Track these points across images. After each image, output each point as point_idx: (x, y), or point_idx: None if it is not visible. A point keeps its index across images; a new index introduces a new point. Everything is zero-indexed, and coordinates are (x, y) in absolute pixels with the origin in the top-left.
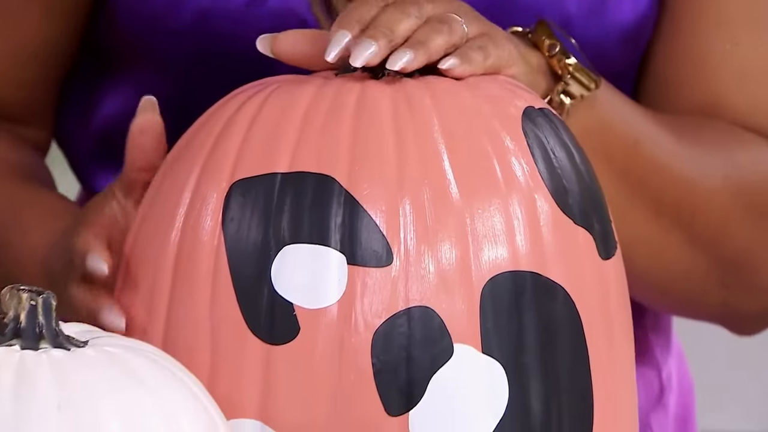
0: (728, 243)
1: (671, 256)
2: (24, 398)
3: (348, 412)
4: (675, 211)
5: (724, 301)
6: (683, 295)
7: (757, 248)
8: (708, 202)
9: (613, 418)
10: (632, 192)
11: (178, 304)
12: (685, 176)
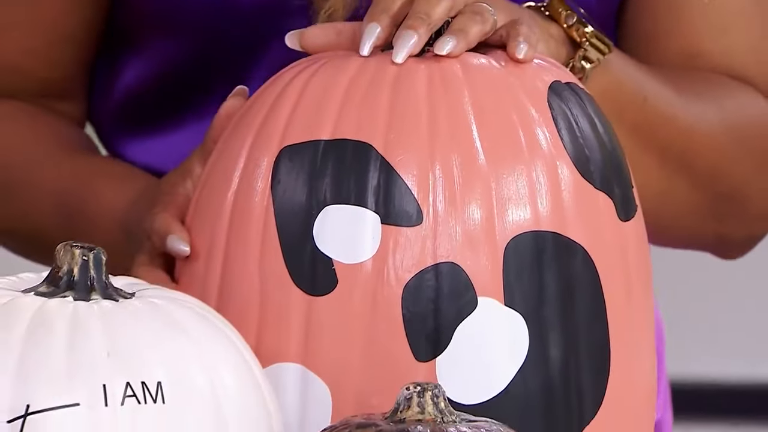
0: (725, 179)
1: (675, 198)
2: (77, 345)
3: (380, 358)
4: (679, 157)
5: (716, 231)
6: (683, 230)
7: (748, 181)
8: (707, 146)
9: (629, 369)
10: (642, 144)
11: (232, 259)
12: (686, 125)
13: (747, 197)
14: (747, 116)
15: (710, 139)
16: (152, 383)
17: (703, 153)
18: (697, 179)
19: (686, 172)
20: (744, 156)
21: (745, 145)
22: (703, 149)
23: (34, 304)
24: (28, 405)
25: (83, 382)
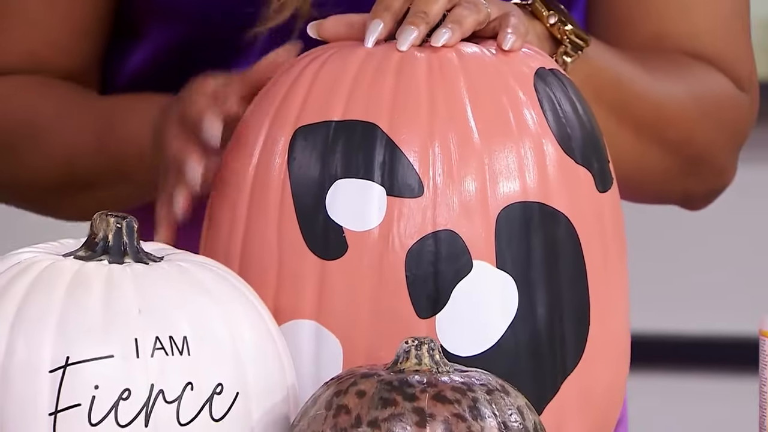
0: (692, 145)
1: (650, 163)
2: (111, 303)
3: (386, 315)
4: (652, 129)
5: (684, 188)
6: (656, 189)
7: (712, 144)
8: (676, 118)
9: (606, 324)
10: (618, 119)
11: (252, 227)
12: (657, 101)
13: (710, 158)
14: (709, 90)
15: (678, 111)
16: (179, 337)
17: (673, 124)
18: (668, 146)
19: (659, 141)
20: (708, 124)
21: (708, 114)
22: (673, 120)
23: (74, 266)
24: (67, 357)
25: (117, 336)
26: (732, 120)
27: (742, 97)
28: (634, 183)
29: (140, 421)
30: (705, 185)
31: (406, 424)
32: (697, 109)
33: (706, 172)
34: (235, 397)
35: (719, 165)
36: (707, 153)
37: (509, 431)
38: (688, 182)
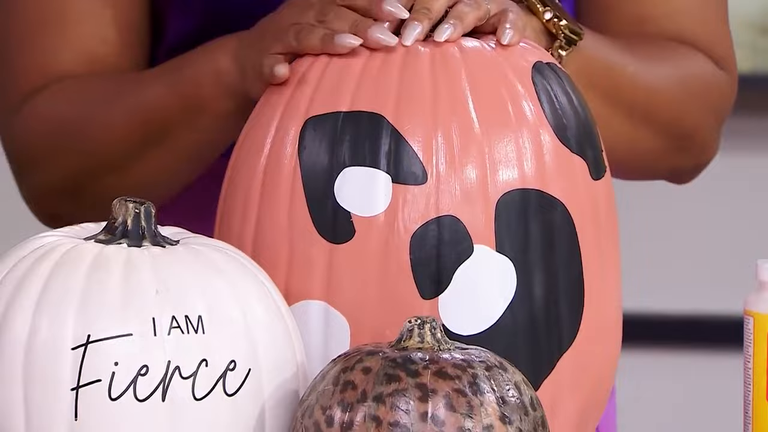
0: (680, 124)
1: (641, 144)
2: (130, 284)
3: (391, 296)
4: (643, 112)
5: (672, 164)
6: (646, 165)
7: (698, 123)
8: (665, 100)
9: (600, 304)
10: (611, 105)
11: (265, 213)
12: (646, 85)
13: (696, 135)
14: (693, 72)
15: (667, 93)
16: (194, 316)
17: (662, 106)
18: (658, 127)
19: (649, 123)
20: (694, 104)
21: (694, 95)
22: (662, 103)
23: (94, 249)
24: (89, 335)
25: (135, 316)
26: (715, 99)
27: (722, 75)
28: (626, 162)
29: (157, 396)
30: (691, 161)
31: (410, 399)
32: (684, 91)
33: (692, 149)
34: (247, 373)
35: (704, 142)
36: (693, 131)
37: (507, 406)
38: (676, 159)
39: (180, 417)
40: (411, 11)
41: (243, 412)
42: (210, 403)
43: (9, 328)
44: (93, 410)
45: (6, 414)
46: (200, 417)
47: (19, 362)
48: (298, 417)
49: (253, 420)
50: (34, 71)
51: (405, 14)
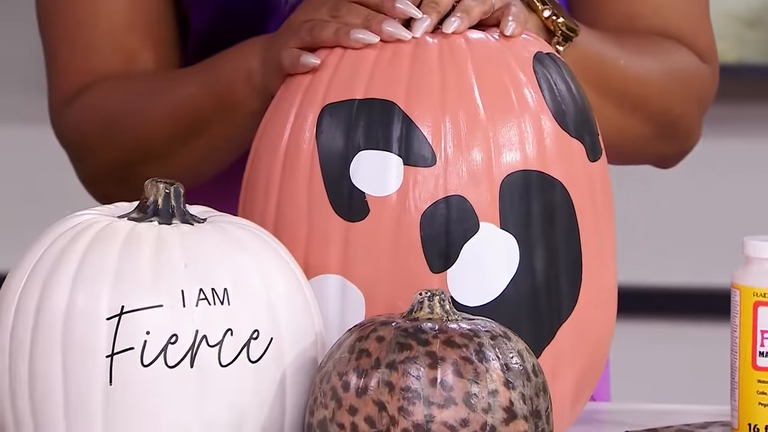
0: (668, 112)
1: (630, 131)
2: (161, 259)
3: (403, 270)
4: (632, 101)
5: (659, 150)
6: (635, 151)
7: (683, 112)
8: (653, 90)
9: (596, 278)
10: (603, 94)
11: (285, 193)
12: (635, 76)
13: (681, 123)
14: (678, 64)
15: (654, 83)
16: (220, 289)
17: (649, 96)
18: (646, 116)
19: (638, 112)
20: (679, 94)
21: (679, 86)
22: (650, 93)
23: (127, 227)
24: (122, 306)
25: (165, 288)
26: (698, 89)
27: (704, 68)
28: (616, 148)
29: (186, 363)
30: (676, 147)
31: (420, 366)
32: (670, 82)
33: (677, 136)
34: (269, 341)
35: (688, 129)
36: (679, 119)
37: (510, 372)
38: (663, 145)
39: (207, 382)
40: (421, 5)
41: (265, 378)
42: (235, 369)
43: (49, 300)
44: (126, 376)
45: (46, 380)
46: (226, 382)
47: (58, 331)
48: (316, 382)
49: (275, 385)
50: (79, 70)
51: (417, 13)
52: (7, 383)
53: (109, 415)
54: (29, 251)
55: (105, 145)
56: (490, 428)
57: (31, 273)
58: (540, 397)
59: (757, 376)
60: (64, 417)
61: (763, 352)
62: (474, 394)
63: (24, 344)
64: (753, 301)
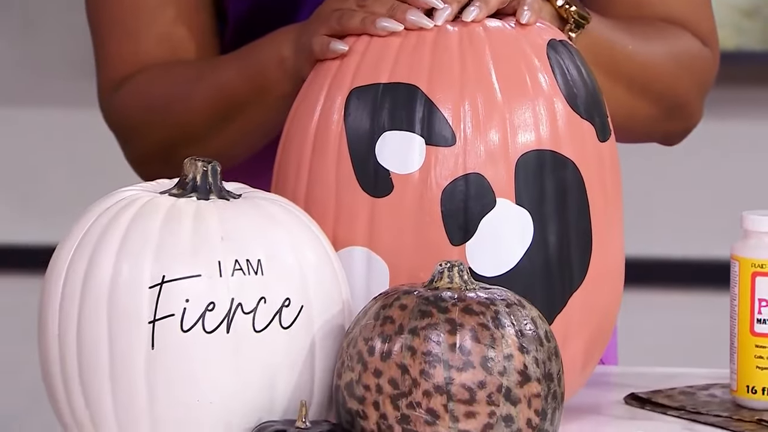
0: (675, 93)
1: (639, 112)
2: (199, 232)
3: (425, 243)
4: (640, 84)
5: (665, 129)
6: (642, 131)
7: (687, 92)
8: (659, 73)
9: (605, 250)
10: (613, 78)
11: (315, 171)
12: (643, 61)
13: (685, 104)
14: (682, 48)
15: (660, 67)
16: (254, 260)
17: (656, 78)
18: (653, 97)
19: (645, 94)
20: (683, 77)
21: (683, 69)
22: (657, 75)
23: (168, 202)
24: (163, 275)
25: (203, 259)
26: (700, 72)
27: (706, 51)
28: (626, 128)
29: (222, 329)
30: (681, 126)
31: (440, 332)
32: (675, 65)
33: (681, 116)
34: (300, 309)
35: (691, 109)
36: (683, 100)
37: (525, 338)
38: (668, 125)
39: (242, 347)
40: None
41: (296, 343)
42: (268, 334)
43: (95, 270)
44: (167, 341)
45: (93, 344)
46: (259, 347)
47: (104, 300)
48: (344, 347)
49: (305, 350)
50: (126, 57)
51: (439, 4)
52: (56, 349)
53: (151, 377)
54: (76, 225)
55: (150, 128)
56: (505, 390)
57: (78, 245)
58: (552, 361)
59: (755, 342)
60: (109, 379)
61: (760, 320)
62: (490, 358)
63: (72, 312)
64: (751, 272)
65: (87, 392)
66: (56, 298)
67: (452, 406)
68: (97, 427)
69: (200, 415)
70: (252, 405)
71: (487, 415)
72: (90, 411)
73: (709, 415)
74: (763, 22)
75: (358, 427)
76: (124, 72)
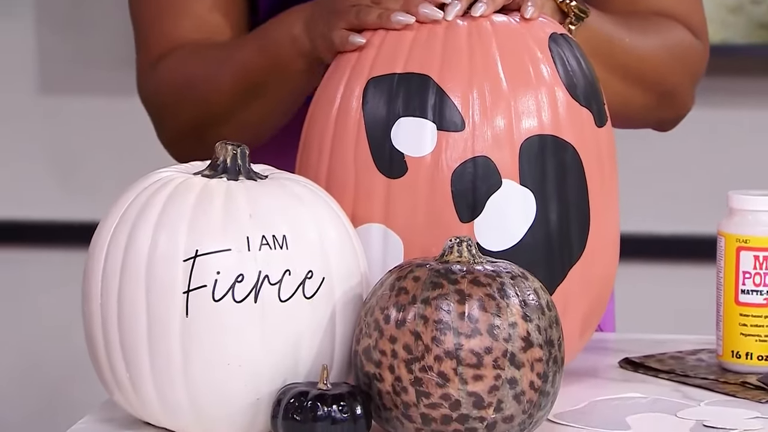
0: (665, 83)
1: (634, 100)
2: (229, 210)
3: (436, 220)
4: (635, 74)
5: (658, 116)
6: (638, 118)
7: (679, 82)
8: (653, 64)
9: (602, 227)
10: (610, 69)
11: (336, 154)
12: (638, 52)
13: (678, 93)
14: (675, 41)
15: (654, 58)
16: (279, 235)
17: (650, 69)
18: (647, 86)
19: (640, 83)
20: (676, 67)
21: (676, 60)
22: (651, 66)
23: (201, 182)
24: (197, 249)
25: (233, 235)
26: (692, 63)
27: (697, 43)
28: (622, 115)
29: (251, 299)
30: (673, 113)
31: (450, 302)
32: (668, 56)
33: (674, 104)
34: (321, 280)
35: (683, 98)
36: (675, 89)
37: (528, 307)
38: (661, 112)
39: (268, 315)
40: None
41: (318, 312)
42: (292, 304)
43: (134, 245)
44: (200, 309)
45: (132, 312)
46: (284, 315)
47: (143, 272)
48: (362, 316)
49: (326, 318)
50: (163, 39)
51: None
52: (99, 316)
53: (186, 342)
54: (117, 203)
55: (180, 107)
56: (510, 355)
57: (119, 221)
58: (553, 329)
59: (739, 310)
60: (147, 344)
61: (744, 290)
62: (496, 325)
63: (113, 282)
64: (736, 247)
65: (127, 355)
66: (99, 270)
67: (461, 370)
68: (136, 386)
69: (230, 377)
70: (277, 368)
71: (493, 378)
72: (129, 372)
73: (697, 378)
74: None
75: (375, 388)
76: (160, 52)
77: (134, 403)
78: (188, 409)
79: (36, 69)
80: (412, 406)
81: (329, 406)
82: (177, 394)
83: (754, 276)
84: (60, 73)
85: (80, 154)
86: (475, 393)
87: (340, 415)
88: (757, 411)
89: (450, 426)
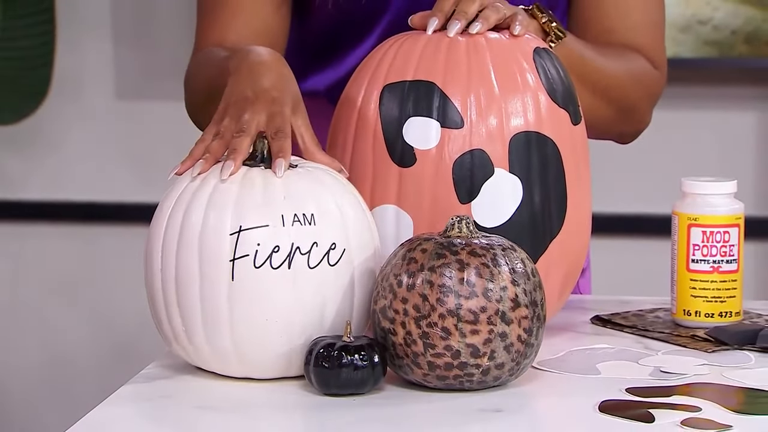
0: (627, 100)
1: (599, 113)
2: (267, 192)
3: (440, 202)
4: (602, 91)
5: (619, 130)
6: (602, 129)
7: (639, 99)
8: (618, 82)
9: (577, 209)
10: (581, 82)
11: (356, 148)
12: (606, 71)
13: (637, 109)
14: (638, 67)
15: (619, 78)
16: (308, 214)
17: (615, 86)
18: (611, 100)
19: (606, 98)
20: (636, 88)
21: (637, 81)
22: (615, 84)
23: (243, 170)
24: (240, 225)
25: (270, 213)
26: (650, 86)
27: (656, 72)
28: (588, 125)
29: (285, 266)
30: (631, 128)
31: (452, 270)
32: (630, 78)
33: (633, 120)
34: (342, 251)
35: (642, 115)
36: (635, 106)
37: (516, 274)
38: (622, 126)
39: (299, 279)
40: (454, 14)
41: (340, 277)
42: (319, 270)
43: (189, 220)
44: (243, 275)
45: (187, 277)
46: (313, 279)
47: (196, 243)
48: (378, 280)
49: (346, 282)
50: (212, 40)
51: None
52: (159, 280)
53: (231, 302)
54: (175, 186)
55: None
56: (501, 313)
57: (177, 201)
58: (537, 292)
59: (690, 276)
60: (200, 303)
61: (693, 260)
62: (490, 289)
63: (171, 252)
64: (687, 224)
65: (183, 312)
66: (159, 241)
67: (461, 326)
68: (190, 338)
69: (268, 331)
70: (307, 323)
71: (487, 332)
72: (185, 326)
73: (655, 332)
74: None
75: (389, 341)
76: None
77: (189, 352)
78: (234, 356)
79: (113, 78)
80: (420, 356)
81: (352, 355)
82: (224, 344)
83: (702, 248)
84: (133, 82)
85: (148, 150)
86: (472, 344)
87: (361, 362)
88: (704, 359)
89: (451, 372)
